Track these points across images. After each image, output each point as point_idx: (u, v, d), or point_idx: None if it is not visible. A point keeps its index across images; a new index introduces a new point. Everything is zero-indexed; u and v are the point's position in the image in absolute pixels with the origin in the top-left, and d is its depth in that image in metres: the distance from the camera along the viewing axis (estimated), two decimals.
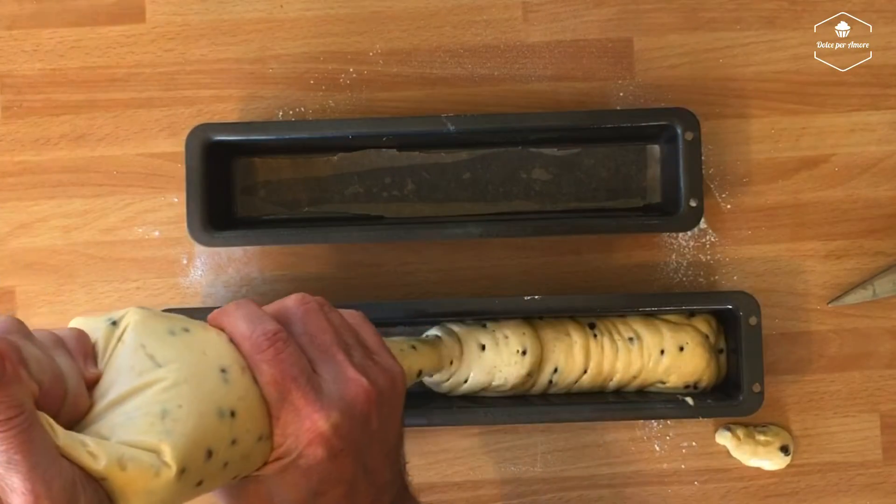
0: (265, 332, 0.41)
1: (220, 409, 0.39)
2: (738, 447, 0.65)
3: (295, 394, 0.41)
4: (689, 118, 0.62)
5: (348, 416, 0.42)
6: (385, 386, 0.45)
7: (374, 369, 0.45)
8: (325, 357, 0.43)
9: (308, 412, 0.41)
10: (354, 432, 0.42)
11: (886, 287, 0.65)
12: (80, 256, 0.67)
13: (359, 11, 0.67)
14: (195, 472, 0.37)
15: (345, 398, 0.42)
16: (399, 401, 0.47)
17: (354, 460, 0.43)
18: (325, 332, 0.44)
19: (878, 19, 0.67)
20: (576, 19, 0.67)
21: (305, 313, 0.44)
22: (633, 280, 0.66)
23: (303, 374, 0.41)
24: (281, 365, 0.41)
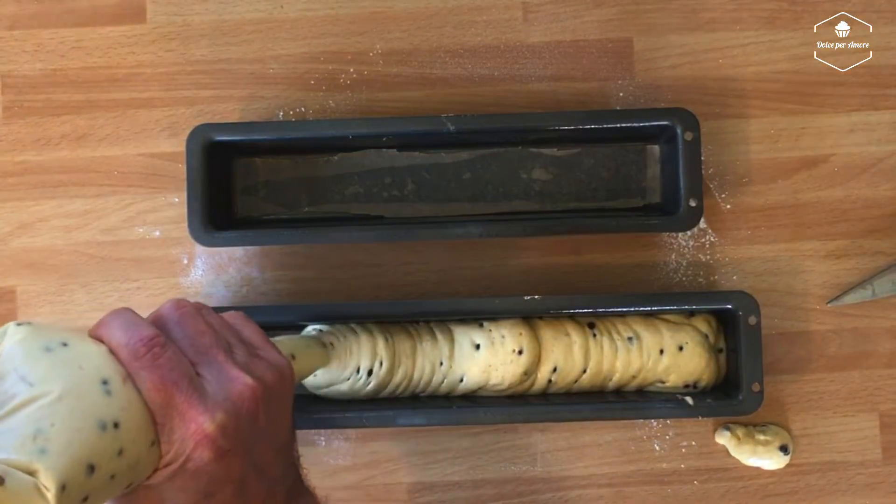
0: (142, 339, 0.41)
1: (101, 421, 0.38)
2: (737, 447, 0.65)
3: (177, 398, 0.41)
4: (688, 118, 0.62)
5: (234, 415, 0.42)
6: (272, 381, 0.45)
7: (258, 366, 0.45)
8: (206, 359, 0.43)
9: (192, 415, 0.41)
10: (242, 431, 0.42)
11: (886, 287, 0.65)
12: (80, 256, 0.67)
13: (359, 12, 0.67)
14: (77, 489, 0.37)
15: (230, 398, 0.42)
16: (288, 395, 0.47)
17: (243, 459, 0.43)
18: (203, 333, 0.44)
19: (878, 19, 0.67)
20: (576, 19, 0.67)
21: (182, 317, 0.44)
22: (633, 280, 0.66)
23: (184, 377, 0.41)
24: (160, 370, 0.41)
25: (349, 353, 0.62)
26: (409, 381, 0.63)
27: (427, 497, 0.66)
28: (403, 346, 0.62)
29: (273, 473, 0.46)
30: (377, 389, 0.63)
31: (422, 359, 0.62)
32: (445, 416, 0.62)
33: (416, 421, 0.62)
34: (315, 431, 0.66)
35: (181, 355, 0.42)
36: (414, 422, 0.62)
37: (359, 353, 0.62)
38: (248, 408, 0.43)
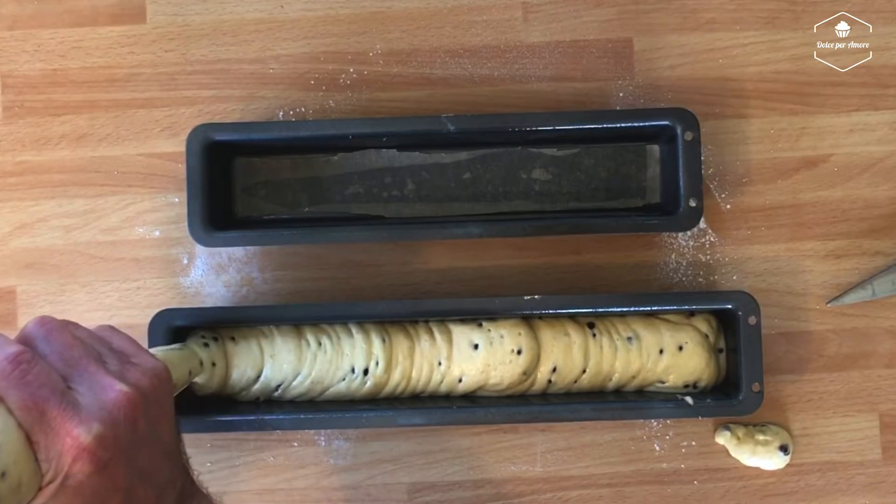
0: (7, 357, 0.40)
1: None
2: (737, 447, 0.65)
3: (50, 413, 0.40)
4: (688, 118, 0.62)
5: (111, 424, 0.41)
6: (148, 386, 0.45)
7: (132, 372, 0.45)
8: (77, 371, 0.43)
9: (67, 429, 0.40)
10: (121, 439, 0.42)
11: (885, 287, 0.65)
12: (80, 256, 0.67)
13: (359, 12, 0.67)
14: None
15: (105, 407, 0.42)
16: (167, 397, 0.47)
17: (126, 467, 0.42)
18: (72, 346, 0.43)
19: (878, 19, 0.67)
20: (576, 19, 0.67)
21: (48, 332, 0.43)
22: (633, 280, 0.66)
23: (55, 392, 0.40)
24: (29, 387, 0.40)
25: (342, 354, 0.62)
26: (408, 381, 0.63)
27: (427, 497, 0.66)
28: (401, 346, 0.62)
29: (160, 478, 0.45)
30: (375, 389, 0.63)
31: (420, 359, 0.62)
32: (445, 416, 0.62)
33: (416, 421, 0.62)
34: (315, 431, 0.66)
35: (50, 370, 0.41)
36: (414, 422, 0.62)
37: (353, 353, 0.62)
38: (126, 415, 0.42)
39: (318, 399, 0.64)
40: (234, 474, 0.66)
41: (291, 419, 0.63)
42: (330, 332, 0.63)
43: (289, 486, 0.66)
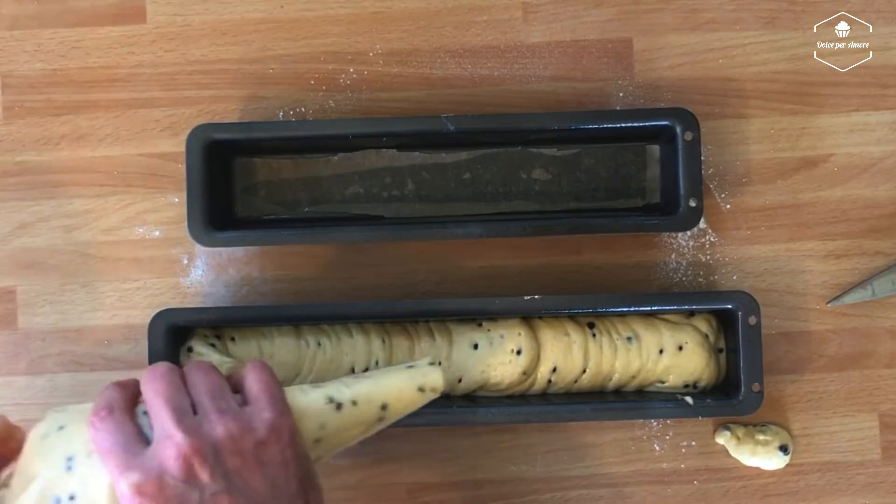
0: (96, 409, 0.47)
1: (56, 497, 0.45)
2: (737, 447, 0.65)
3: (108, 462, 0.45)
4: (688, 118, 0.62)
5: (157, 473, 0.44)
6: (225, 436, 0.46)
7: (214, 421, 0.46)
8: (155, 421, 0.46)
9: (115, 475, 0.45)
10: (167, 487, 0.44)
11: (885, 287, 0.65)
12: (81, 256, 0.67)
13: (359, 12, 0.67)
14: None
15: (155, 457, 0.45)
16: (262, 448, 0.47)
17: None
18: (157, 395, 0.47)
19: (878, 19, 0.67)
20: (576, 19, 0.67)
21: (146, 382, 0.48)
22: (633, 280, 0.66)
23: (116, 443, 0.45)
24: (98, 438, 0.46)
25: (341, 354, 0.62)
26: None
27: (427, 497, 0.66)
28: (401, 346, 0.62)
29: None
30: None
31: (420, 359, 0.62)
32: (445, 416, 0.62)
33: (416, 420, 0.62)
34: None
35: (124, 423, 0.46)
36: (414, 421, 0.62)
37: (353, 354, 0.62)
38: (176, 466, 0.45)
39: None
40: None
41: None
42: (329, 333, 0.63)
43: None
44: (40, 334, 0.66)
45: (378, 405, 0.53)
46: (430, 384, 0.55)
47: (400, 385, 0.54)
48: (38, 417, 0.65)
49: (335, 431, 0.52)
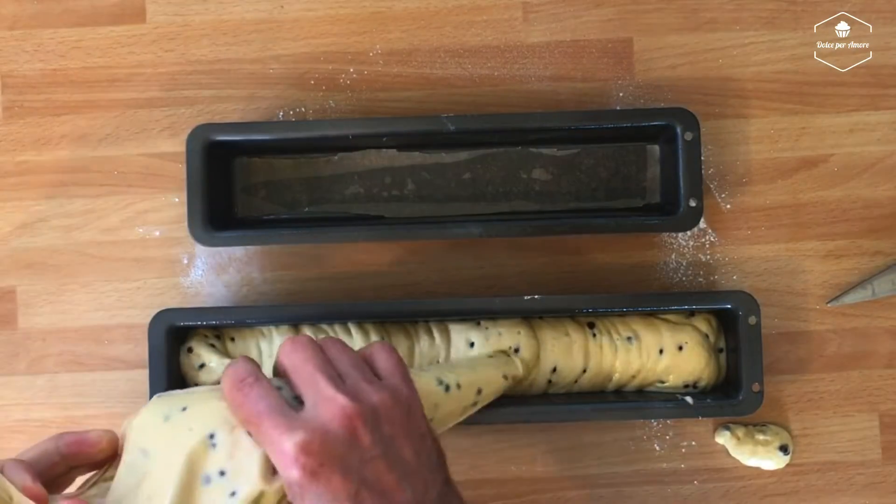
0: (237, 380, 0.45)
1: (207, 476, 0.44)
2: (737, 447, 0.65)
3: (263, 425, 0.44)
4: (688, 118, 0.62)
5: (320, 432, 0.43)
6: (380, 403, 0.46)
7: (367, 389, 0.46)
8: (306, 386, 0.46)
9: (275, 437, 0.43)
10: (333, 448, 0.43)
11: (885, 287, 0.65)
12: (80, 256, 0.67)
13: (359, 12, 0.67)
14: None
15: (318, 417, 0.44)
16: (411, 421, 0.47)
17: (345, 477, 0.44)
18: (306, 363, 0.46)
19: (878, 19, 0.67)
20: (576, 19, 0.67)
21: (291, 351, 0.47)
22: (633, 280, 0.66)
23: (270, 406, 0.44)
24: (248, 404, 0.44)
25: None
26: None
27: None
28: (400, 346, 0.62)
29: (399, 498, 0.45)
30: None
31: (419, 359, 0.62)
32: None
33: None
34: None
35: (269, 389, 0.45)
36: None
37: None
38: (340, 426, 0.44)
39: None
40: None
41: None
42: (329, 332, 0.63)
43: None
44: (40, 334, 0.66)
45: (475, 390, 0.57)
46: (511, 372, 0.60)
47: (491, 372, 0.58)
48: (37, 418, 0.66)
49: (444, 413, 0.55)
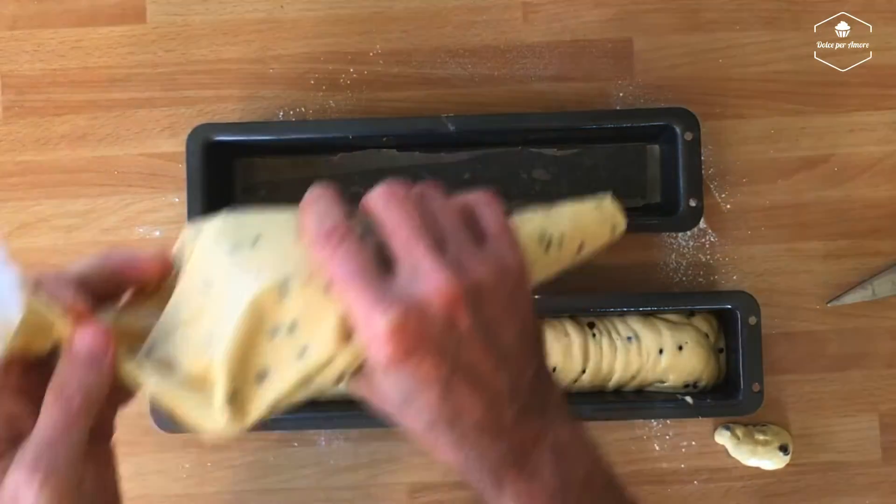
0: (324, 231, 0.38)
1: (274, 327, 0.37)
2: (737, 446, 0.65)
3: (351, 291, 0.37)
4: (688, 118, 0.62)
5: (416, 311, 0.37)
6: (486, 278, 0.39)
7: (472, 261, 0.39)
8: (403, 251, 0.39)
9: (364, 309, 0.37)
10: (429, 330, 0.37)
11: (885, 287, 0.65)
12: (80, 256, 0.67)
13: (359, 12, 0.67)
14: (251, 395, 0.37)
15: (415, 294, 0.38)
16: (516, 298, 0.41)
17: (439, 361, 0.38)
18: (404, 223, 0.39)
19: (878, 19, 0.67)
20: (576, 19, 0.67)
21: (386, 204, 0.40)
22: (633, 280, 0.66)
23: (361, 270, 0.38)
24: (337, 264, 0.38)
25: None
26: None
27: (427, 497, 0.66)
28: None
29: (496, 385, 0.40)
30: None
31: None
32: None
33: None
34: (315, 431, 0.66)
35: (362, 249, 0.38)
36: None
37: None
38: (439, 305, 0.38)
39: (319, 399, 0.64)
40: (234, 474, 0.66)
41: (291, 419, 0.63)
42: None
43: (289, 486, 0.66)
44: None
45: (577, 245, 0.48)
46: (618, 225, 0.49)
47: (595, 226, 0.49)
48: None
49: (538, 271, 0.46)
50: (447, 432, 0.40)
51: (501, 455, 0.40)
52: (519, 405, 0.41)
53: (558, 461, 0.41)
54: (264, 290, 0.37)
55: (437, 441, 0.40)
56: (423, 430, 0.40)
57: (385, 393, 0.40)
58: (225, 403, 0.36)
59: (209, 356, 0.37)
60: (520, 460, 0.41)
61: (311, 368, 0.38)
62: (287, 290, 0.38)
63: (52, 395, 0.37)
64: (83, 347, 0.37)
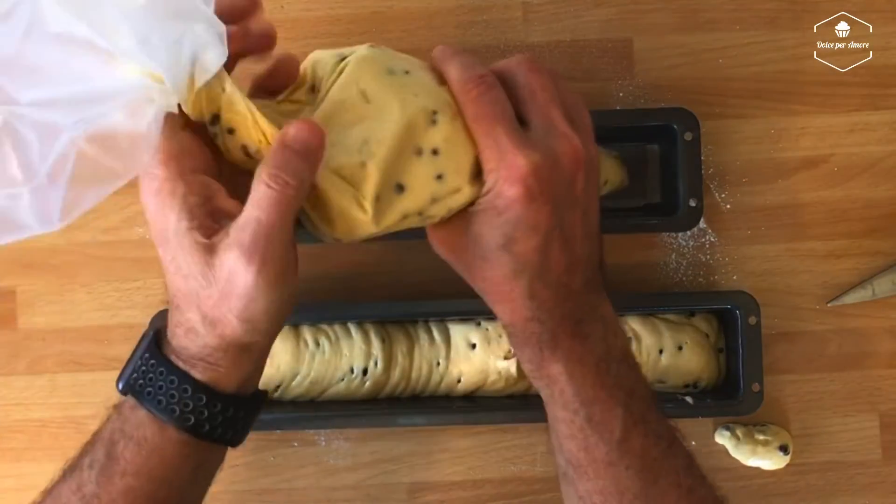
0: (473, 76, 0.43)
1: (419, 147, 0.42)
2: (737, 446, 0.65)
3: (497, 130, 0.42)
4: (688, 118, 0.62)
5: (551, 162, 0.42)
6: (594, 157, 0.45)
7: (585, 137, 0.44)
8: (540, 111, 0.44)
9: (508, 148, 0.41)
10: (555, 183, 0.42)
11: (885, 287, 0.65)
12: (80, 256, 0.67)
13: (359, 12, 0.67)
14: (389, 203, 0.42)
15: (552, 148, 0.42)
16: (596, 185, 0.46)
17: (551, 213, 0.43)
18: (545, 89, 0.44)
19: (878, 19, 0.67)
20: (576, 19, 0.67)
21: (529, 70, 0.45)
22: (633, 280, 0.66)
23: (505, 115, 0.42)
24: (484, 106, 0.42)
25: (340, 355, 0.62)
26: (408, 382, 0.63)
27: (427, 497, 0.66)
28: (400, 346, 0.62)
29: (577, 251, 0.45)
30: (375, 389, 0.63)
31: (419, 359, 0.62)
32: (445, 417, 0.62)
33: (416, 421, 0.62)
34: (315, 431, 0.66)
35: (506, 98, 0.43)
36: (414, 422, 0.62)
37: (351, 354, 0.62)
38: (568, 164, 0.43)
39: (319, 399, 0.64)
40: (234, 474, 0.66)
41: (291, 419, 0.63)
42: (328, 333, 0.63)
43: (289, 486, 0.66)
44: (40, 334, 0.66)
45: None
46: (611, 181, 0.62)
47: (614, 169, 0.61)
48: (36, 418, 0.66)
49: None
50: (532, 282, 0.44)
51: (564, 315, 0.45)
52: (587, 276, 0.46)
53: (605, 332, 0.47)
54: (420, 109, 0.42)
55: (513, 291, 0.44)
56: (506, 278, 0.44)
57: (482, 236, 0.44)
58: (373, 198, 0.41)
59: (363, 157, 0.41)
60: (577, 324, 0.45)
61: (442, 192, 0.42)
62: (436, 120, 0.42)
63: (265, 178, 0.39)
64: (301, 137, 0.39)
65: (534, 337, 0.45)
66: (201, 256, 0.39)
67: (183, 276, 0.40)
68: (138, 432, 0.41)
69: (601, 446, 0.45)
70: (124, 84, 0.37)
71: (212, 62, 0.39)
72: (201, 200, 0.40)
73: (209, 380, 0.41)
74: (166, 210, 0.39)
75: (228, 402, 0.42)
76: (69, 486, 0.42)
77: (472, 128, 0.43)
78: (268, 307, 0.40)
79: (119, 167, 0.37)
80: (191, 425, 0.41)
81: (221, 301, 0.39)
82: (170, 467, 0.42)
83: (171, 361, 0.41)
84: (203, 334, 0.41)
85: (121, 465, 0.41)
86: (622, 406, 0.46)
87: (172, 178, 0.39)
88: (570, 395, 0.45)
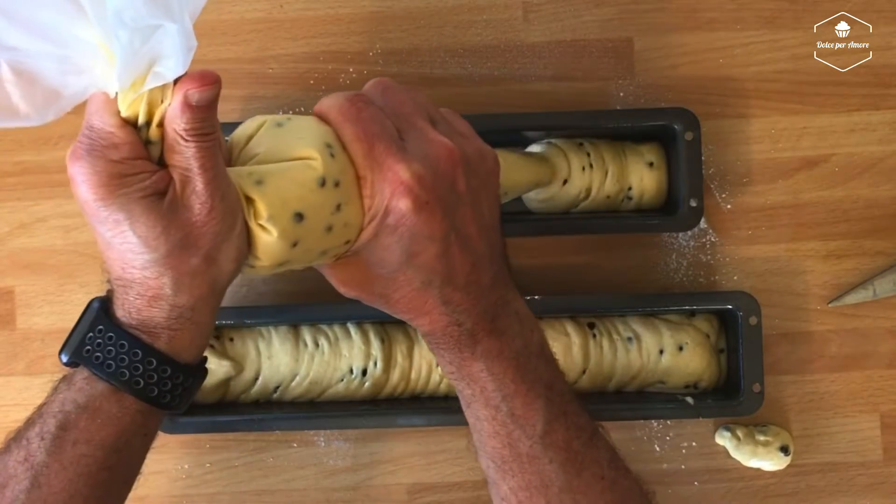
0: (347, 98, 0.45)
1: (322, 179, 0.43)
2: (737, 447, 0.64)
3: (377, 148, 0.43)
4: (689, 118, 0.62)
5: (430, 169, 0.44)
6: (472, 154, 0.47)
7: (458, 138, 0.47)
8: (407, 125, 0.46)
9: (389, 163, 0.43)
10: (439, 187, 0.44)
11: (886, 287, 0.65)
12: (79, 256, 0.67)
13: (359, 11, 0.67)
14: (290, 231, 0.43)
15: (427, 155, 0.44)
16: (491, 179, 0.48)
17: (443, 217, 0.44)
18: (405, 104, 0.46)
19: (878, 19, 0.67)
20: (576, 19, 0.67)
21: (384, 89, 0.47)
22: (633, 280, 0.66)
23: (384, 131, 0.44)
24: (362, 123, 0.44)
25: (339, 355, 0.62)
26: (407, 382, 0.63)
27: (427, 497, 0.66)
28: (400, 347, 0.62)
29: (477, 248, 0.46)
30: (374, 390, 0.62)
31: (419, 359, 0.62)
32: (445, 417, 0.62)
33: (416, 421, 0.62)
34: (315, 432, 0.66)
35: (382, 115, 0.45)
36: (414, 422, 0.62)
37: (351, 354, 0.62)
38: (445, 167, 0.45)
39: (318, 400, 0.64)
40: (233, 475, 0.66)
41: (291, 419, 0.63)
42: (328, 333, 0.63)
43: (288, 486, 0.66)
44: (39, 334, 0.66)
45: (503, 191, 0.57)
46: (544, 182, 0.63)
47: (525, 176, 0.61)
48: None
49: None
50: (442, 288, 0.46)
51: (479, 313, 0.47)
52: (493, 271, 0.47)
53: (521, 327, 0.48)
54: (317, 145, 0.43)
55: (427, 303, 0.46)
56: (417, 291, 0.46)
57: (383, 259, 0.45)
58: (269, 218, 0.42)
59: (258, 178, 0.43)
60: (492, 321, 0.47)
61: (340, 225, 0.44)
62: (333, 153, 0.44)
63: (183, 135, 0.41)
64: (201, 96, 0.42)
65: (453, 339, 0.47)
66: (159, 217, 0.41)
67: (147, 245, 0.41)
68: (94, 402, 0.43)
69: (524, 440, 0.47)
70: (76, 41, 0.38)
71: (170, 70, 0.39)
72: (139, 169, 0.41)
73: (170, 350, 0.43)
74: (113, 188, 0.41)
75: (188, 371, 0.44)
76: (15, 457, 0.43)
77: (351, 147, 0.44)
78: (228, 244, 0.42)
79: (23, 110, 0.39)
80: (153, 396, 0.43)
81: (190, 247, 0.41)
82: (123, 435, 0.43)
83: (131, 334, 0.43)
84: (170, 295, 0.42)
85: (73, 434, 0.42)
86: (543, 398, 0.47)
87: None
88: (492, 390, 0.47)
